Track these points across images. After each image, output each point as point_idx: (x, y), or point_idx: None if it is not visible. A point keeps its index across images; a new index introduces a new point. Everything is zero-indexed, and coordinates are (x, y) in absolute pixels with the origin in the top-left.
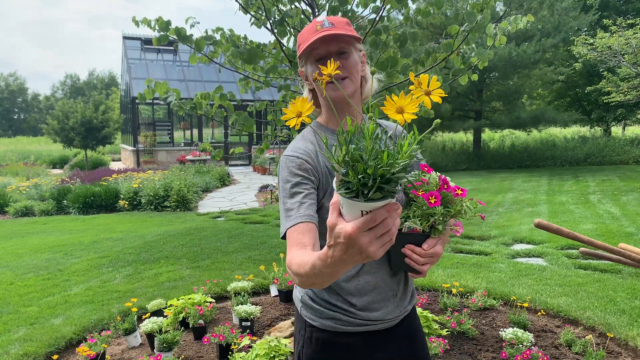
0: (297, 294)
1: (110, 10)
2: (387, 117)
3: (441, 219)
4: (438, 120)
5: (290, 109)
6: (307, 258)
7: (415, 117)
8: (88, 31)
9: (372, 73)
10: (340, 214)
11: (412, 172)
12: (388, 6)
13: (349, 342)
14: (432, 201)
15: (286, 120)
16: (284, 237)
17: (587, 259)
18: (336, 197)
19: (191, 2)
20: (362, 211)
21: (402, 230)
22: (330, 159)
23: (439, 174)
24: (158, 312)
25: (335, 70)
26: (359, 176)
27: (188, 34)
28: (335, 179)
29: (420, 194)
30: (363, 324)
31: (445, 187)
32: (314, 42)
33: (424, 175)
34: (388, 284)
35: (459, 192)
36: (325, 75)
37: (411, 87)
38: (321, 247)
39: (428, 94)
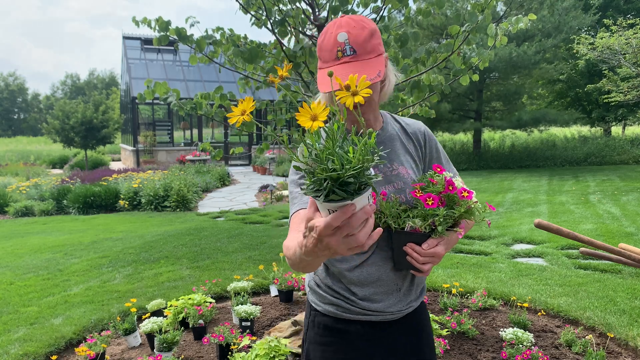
0: (307, 278)
1: (111, 10)
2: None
3: (442, 220)
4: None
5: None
6: (292, 243)
7: (323, 125)
8: (89, 31)
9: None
10: (317, 209)
11: (428, 173)
12: (389, 6)
13: (348, 329)
14: (430, 203)
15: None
16: None
17: (587, 259)
18: None
19: (192, 2)
20: (328, 209)
21: (405, 229)
22: (295, 159)
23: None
24: (158, 312)
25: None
26: (314, 178)
27: (188, 33)
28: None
29: (418, 195)
30: (363, 313)
31: (450, 188)
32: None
33: (436, 176)
34: (392, 278)
35: (465, 194)
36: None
37: (339, 93)
38: None
39: (355, 94)
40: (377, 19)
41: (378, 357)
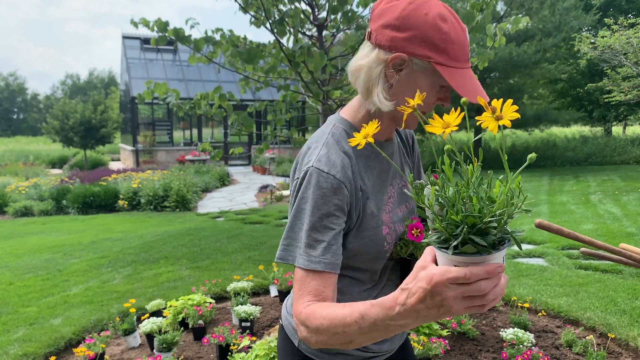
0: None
1: (111, 9)
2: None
3: None
4: (533, 155)
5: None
6: (346, 310)
7: (456, 128)
8: (89, 30)
9: (464, 103)
10: (434, 260)
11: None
12: None
13: None
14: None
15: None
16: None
17: (588, 259)
18: None
19: (193, 1)
20: (454, 265)
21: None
22: (419, 201)
23: None
24: (157, 313)
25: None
26: (445, 223)
27: (187, 34)
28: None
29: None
30: (372, 356)
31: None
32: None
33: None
34: None
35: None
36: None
37: (482, 116)
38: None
39: (499, 119)
40: None
41: None
